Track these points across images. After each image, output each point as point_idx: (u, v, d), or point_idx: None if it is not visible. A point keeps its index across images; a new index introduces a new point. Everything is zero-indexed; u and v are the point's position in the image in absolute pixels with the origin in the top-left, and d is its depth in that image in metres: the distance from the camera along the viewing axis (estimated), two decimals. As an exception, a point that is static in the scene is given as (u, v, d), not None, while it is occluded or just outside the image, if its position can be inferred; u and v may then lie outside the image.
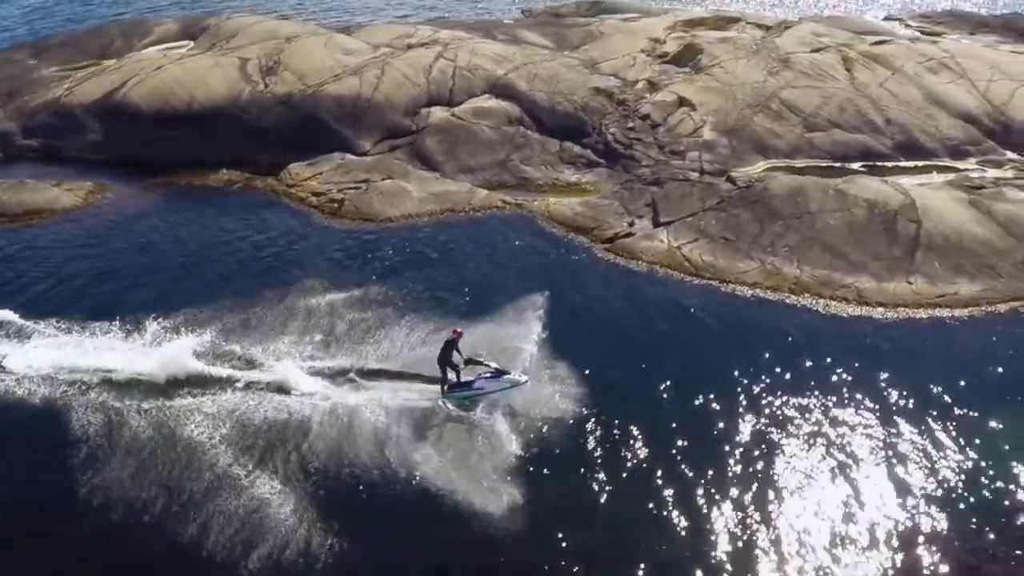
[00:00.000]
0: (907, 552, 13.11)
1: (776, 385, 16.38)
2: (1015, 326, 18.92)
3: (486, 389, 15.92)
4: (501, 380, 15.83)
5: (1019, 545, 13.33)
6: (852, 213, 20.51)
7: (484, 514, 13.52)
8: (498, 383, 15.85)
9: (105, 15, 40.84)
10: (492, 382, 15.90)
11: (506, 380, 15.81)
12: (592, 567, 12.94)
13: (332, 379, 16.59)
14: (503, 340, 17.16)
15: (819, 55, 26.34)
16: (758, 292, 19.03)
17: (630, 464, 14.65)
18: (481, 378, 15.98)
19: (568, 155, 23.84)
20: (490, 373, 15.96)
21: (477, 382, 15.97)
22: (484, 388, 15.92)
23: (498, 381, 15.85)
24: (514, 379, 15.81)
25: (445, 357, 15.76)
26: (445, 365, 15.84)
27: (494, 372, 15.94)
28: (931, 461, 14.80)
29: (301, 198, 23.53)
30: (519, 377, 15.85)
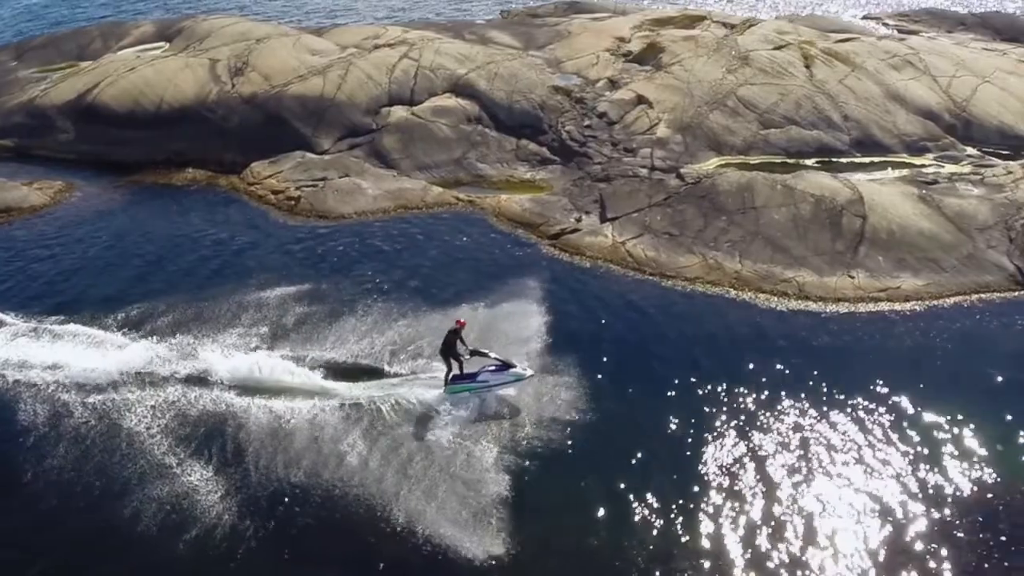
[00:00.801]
0: (833, 542, 13.25)
1: (706, 378, 16.53)
2: (957, 320, 18.96)
3: (490, 382, 15.78)
4: (506, 373, 15.68)
5: (952, 536, 13.42)
6: (798, 208, 20.58)
7: (402, 503, 13.82)
8: (502, 376, 15.71)
9: (93, 17, 41.58)
10: (496, 375, 15.76)
11: (511, 373, 15.66)
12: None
13: (276, 370, 16.85)
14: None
15: (780, 52, 26.40)
16: (697, 287, 19.19)
17: (554, 451, 14.85)
18: (486, 370, 15.83)
19: (524, 152, 24.08)
20: (495, 366, 15.79)
21: (481, 374, 15.84)
22: (488, 381, 15.78)
23: (503, 374, 15.70)
24: (519, 373, 15.66)
25: (447, 348, 15.61)
26: (448, 356, 15.67)
27: (499, 365, 15.76)
28: (861, 453, 14.95)
29: (260, 196, 23.92)
30: (524, 371, 15.69)
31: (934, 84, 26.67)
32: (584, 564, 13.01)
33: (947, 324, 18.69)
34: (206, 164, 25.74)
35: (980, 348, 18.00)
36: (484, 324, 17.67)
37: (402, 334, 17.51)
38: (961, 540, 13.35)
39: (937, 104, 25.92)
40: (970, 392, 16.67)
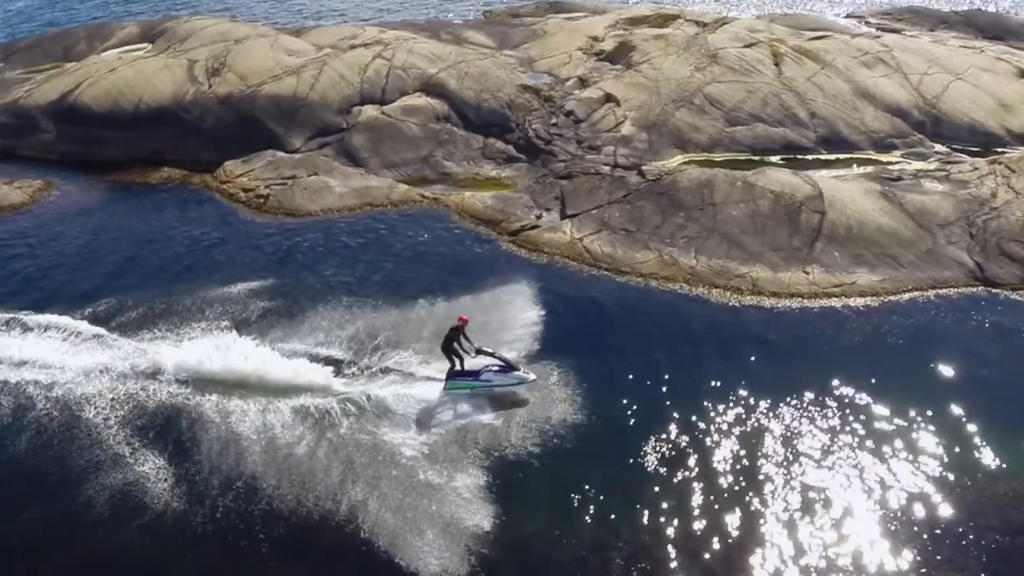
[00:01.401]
0: (775, 533, 13.42)
1: (653, 369, 16.74)
2: (912, 315, 19.01)
3: (492, 382, 15.83)
4: (509, 375, 15.71)
5: (896, 529, 13.53)
6: (757, 204, 20.67)
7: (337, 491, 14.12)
8: (505, 378, 15.74)
9: (85, 19, 42.17)
10: (499, 376, 15.79)
11: (514, 376, 15.69)
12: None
13: (233, 361, 17.15)
14: (402, 326, 17.80)
15: (749, 50, 26.49)
16: (651, 282, 19.35)
17: (496, 443, 15.08)
18: (488, 370, 15.86)
19: (490, 151, 24.30)
20: (498, 367, 15.83)
21: (484, 374, 15.88)
22: (491, 381, 15.84)
23: (505, 376, 15.73)
24: (522, 376, 15.70)
25: (448, 344, 15.73)
26: (449, 352, 15.80)
27: (503, 366, 15.80)
28: (804, 445, 15.10)
29: (231, 194, 24.28)
30: (527, 374, 15.74)
31: (905, 81, 26.67)
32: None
33: (901, 319, 18.73)
34: (182, 163, 26.16)
35: (932, 343, 18.05)
36: (442, 318, 17.84)
37: (360, 328, 17.77)
38: (905, 533, 13.44)
39: (907, 101, 25.92)
40: (918, 386, 16.78)
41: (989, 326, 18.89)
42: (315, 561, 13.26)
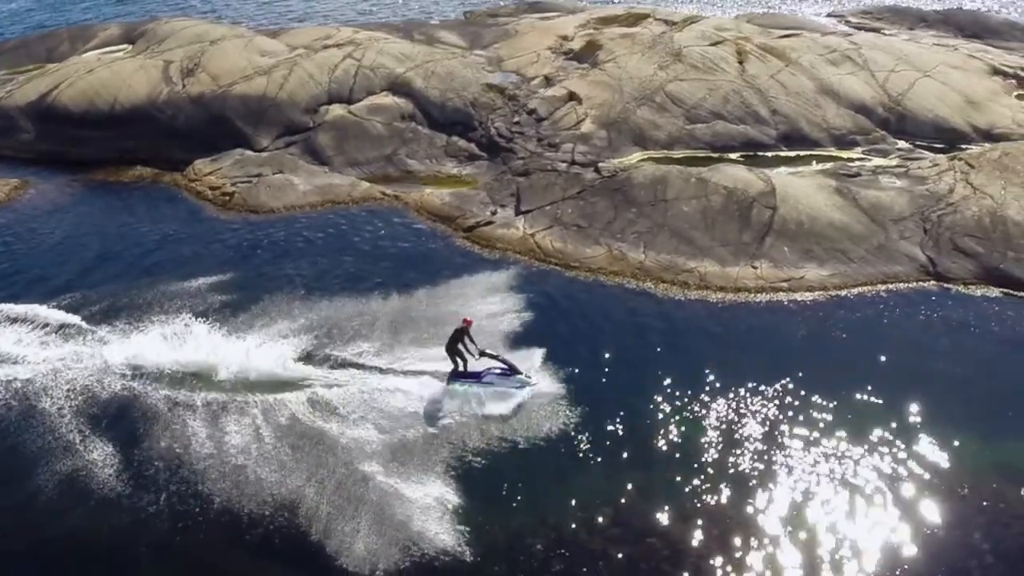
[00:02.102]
0: (708, 521, 13.60)
1: (592, 360, 16.99)
2: (858, 310, 19.13)
3: (494, 384, 16.05)
4: (512, 379, 15.95)
5: (824, 519, 13.68)
6: (709, 200, 20.79)
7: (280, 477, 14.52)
8: (507, 381, 15.97)
9: (75, 20, 42.78)
10: (501, 378, 16.02)
11: (516, 379, 15.92)
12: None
13: (183, 352, 17.60)
14: (356, 318, 18.24)
15: (713, 49, 26.61)
16: (600, 277, 19.56)
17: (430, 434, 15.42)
18: (491, 373, 16.10)
19: (453, 149, 24.56)
20: (501, 369, 16.05)
21: (487, 376, 16.11)
22: (493, 383, 16.05)
23: (508, 379, 15.96)
24: (524, 379, 15.92)
25: (453, 345, 15.96)
26: (453, 353, 16.04)
27: (506, 369, 16.02)
28: (736, 435, 15.29)
29: (199, 192, 24.68)
30: (529, 379, 15.96)
31: (871, 79, 26.70)
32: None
33: (848, 313, 18.84)
34: (154, 162, 26.59)
35: (877, 336, 18.16)
36: (396, 310, 18.47)
37: (315, 320, 18.17)
38: (837, 523, 13.58)
39: (871, 98, 25.96)
40: (858, 378, 16.87)
41: (938, 320, 18.97)
42: (253, 545, 13.53)
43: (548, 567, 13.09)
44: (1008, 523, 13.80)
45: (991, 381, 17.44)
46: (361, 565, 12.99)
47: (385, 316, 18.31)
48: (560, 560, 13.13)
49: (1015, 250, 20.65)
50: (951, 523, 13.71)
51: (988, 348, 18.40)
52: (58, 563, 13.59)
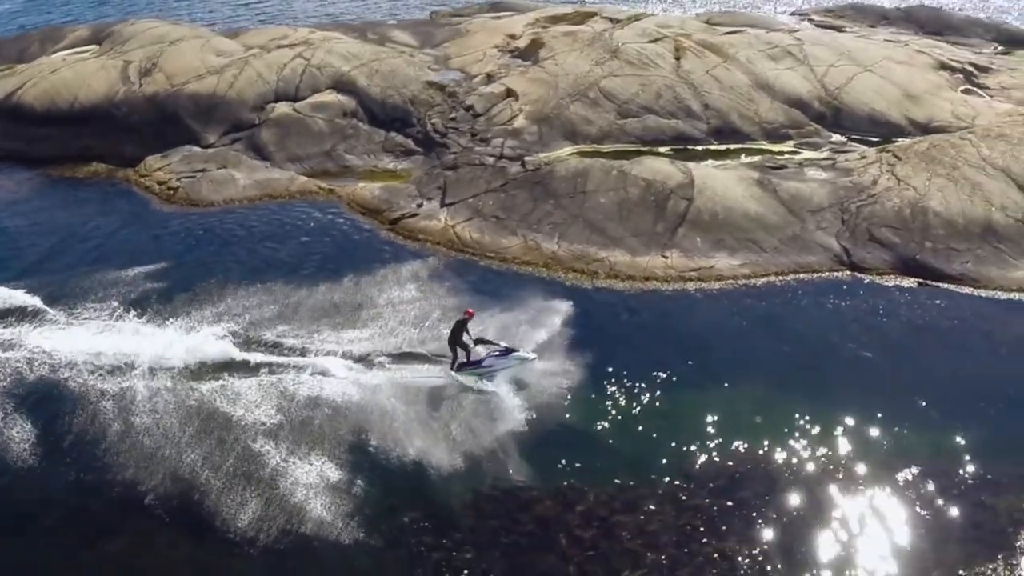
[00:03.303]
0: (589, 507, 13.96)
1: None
2: (765, 298, 19.48)
3: (496, 367, 16.64)
4: (510, 358, 16.51)
5: (710, 506, 13.98)
6: (627, 192, 21.15)
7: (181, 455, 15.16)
8: (507, 360, 16.54)
9: (59, 22, 43.86)
10: (501, 360, 16.58)
11: (514, 357, 16.49)
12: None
13: (110, 337, 18.37)
14: (273, 305, 18.95)
15: (652, 45, 26.95)
16: (512, 266, 20.06)
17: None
18: (491, 356, 16.70)
19: (390, 144, 25.13)
20: (499, 351, 16.64)
21: (487, 360, 16.70)
22: (494, 366, 16.63)
23: (507, 359, 16.53)
24: (522, 356, 16.50)
25: (456, 337, 16.45)
26: (455, 345, 16.54)
27: (503, 350, 16.61)
28: (625, 421, 15.64)
29: (147, 187, 25.46)
30: (527, 355, 16.57)
31: (810, 73, 26.90)
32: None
33: (754, 302, 19.17)
34: (109, 158, 27.38)
35: (779, 324, 18.56)
36: (319, 298, 19.15)
37: (232, 305, 19.00)
38: (720, 511, 13.90)
39: (808, 92, 26.17)
40: (751, 365, 17.26)
41: (847, 308, 19.24)
42: (153, 515, 14.19)
43: (418, 537, 13.58)
44: (906, 508, 14.04)
45: (894, 369, 17.72)
46: (246, 533, 13.62)
47: (306, 302, 19.04)
48: (427, 532, 13.60)
49: (932, 240, 20.82)
50: (848, 509, 13.98)
51: (895, 336, 18.66)
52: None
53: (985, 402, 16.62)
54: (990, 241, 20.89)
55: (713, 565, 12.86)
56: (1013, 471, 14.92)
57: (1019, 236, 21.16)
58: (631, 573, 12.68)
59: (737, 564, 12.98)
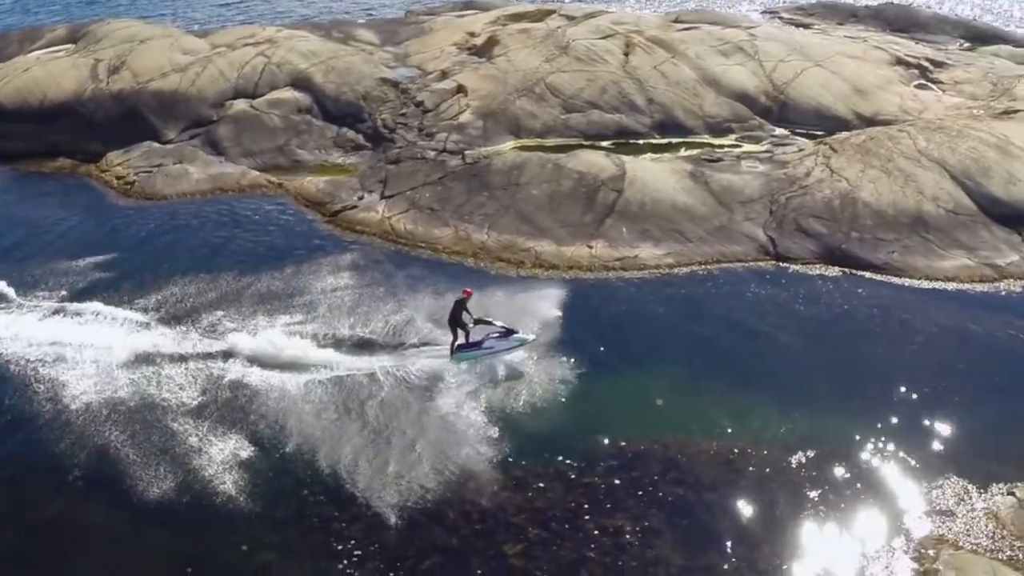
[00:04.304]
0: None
1: (398, 327, 18.03)
2: (684, 287, 19.92)
3: (495, 348, 16.77)
4: (510, 339, 16.70)
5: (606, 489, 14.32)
6: (560, 184, 21.61)
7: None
8: (507, 342, 16.72)
9: (45, 22, 44.93)
10: (501, 341, 16.75)
11: (514, 339, 16.67)
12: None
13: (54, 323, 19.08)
14: (211, 292, 19.67)
15: (601, 41, 27.38)
16: (442, 256, 20.61)
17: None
18: (490, 337, 16.81)
19: (341, 139, 25.75)
20: (498, 332, 16.78)
21: (487, 342, 16.81)
22: (493, 347, 16.76)
23: (507, 340, 16.71)
24: (522, 337, 16.70)
25: (455, 317, 16.56)
26: (455, 325, 16.65)
27: (503, 331, 16.75)
28: (533, 406, 16.03)
29: (107, 181, 26.25)
30: (526, 336, 16.79)
31: (759, 68, 27.22)
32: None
33: (674, 291, 19.59)
34: (75, 154, 28.20)
35: (695, 311, 18.96)
36: (255, 285, 19.83)
37: (177, 293, 19.71)
38: (608, 489, 14.26)
39: (755, 87, 26.49)
40: (662, 349, 17.73)
41: (766, 297, 19.60)
42: (78, 487, 14.83)
43: (317, 510, 14.11)
44: (798, 491, 14.34)
45: (808, 355, 18.10)
46: (161, 504, 14.22)
47: (244, 290, 19.70)
48: (324, 505, 14.12)
49: (860, 231, 21.11)
50: (738, 490, 14.30)
51: (812, 324, 19.00)
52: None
53: (894, 389, 16.94)
54: (919, 231, 21.14)
55: (595, 540, 13.27)
56: (911, 457, 15.21)
57: (949, 226, 21.44)
58: (512, 546, 13.13)
59: (621, 540, 13.39)
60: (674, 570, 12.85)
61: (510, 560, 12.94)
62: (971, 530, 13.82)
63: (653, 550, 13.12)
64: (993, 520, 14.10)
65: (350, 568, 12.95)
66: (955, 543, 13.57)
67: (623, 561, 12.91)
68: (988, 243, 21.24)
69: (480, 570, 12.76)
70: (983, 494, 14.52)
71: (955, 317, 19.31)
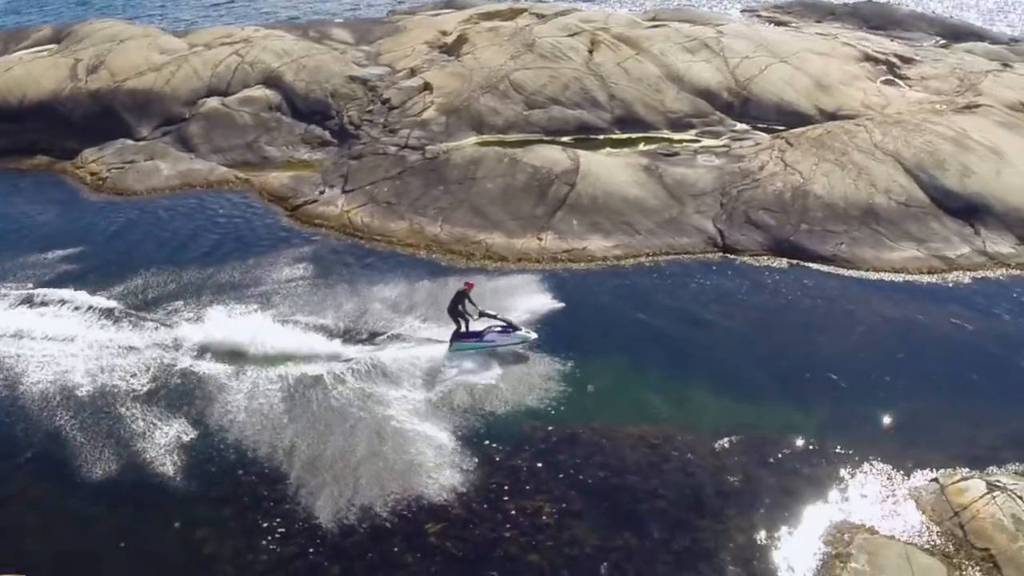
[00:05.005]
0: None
1: (347, 311, 18.49)
2: (630, 278, 20.16)
3: (496, 343, 16.91)
4: (512, 335, 16.82)
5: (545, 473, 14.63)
6: (515, 178, 21.98)
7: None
8: (508, 338, 16.85)
9: (35, 23, 45.82)
10: (502, 336, 16.89)
11: (516, 336, 16.79)
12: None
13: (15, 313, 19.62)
14: (171, 283, 20.21)
15: (567, 39, 27.74)
16: (396, 248, 21.04)
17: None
18: (492, 331, 16.89)
19: (308, 136, 26.25)
20: (501, 327, 16.89)
21: (488, 335, 16.91)
22: (495, 341, 16.91)
23: (508, 336, 16.84)
24: (524, 335, 16.80)
25: (455, 307, 16.80)
26: (455, 315, 16.89)
27: (505, 327, 16.88)
28: (466, 393, 16.30)
29: (80, 177, 26.88)
30: (528, 334, 16.90)
31: (723, 65, 27.48)
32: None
33: (620, 281, 19.94)
34: (52, 151, 28.92)
35: (640, 301, 19.16)
36: (214, 277, 20.36)
37: (136, 283, 20.23)
38: (531, 472, 14.52)
39: (718, 83, 26.76)
40: (601, 337, 18.01)
41: (711, 287, 19.86)
42: (27, 467, 15.31)
43: (249, 489, 14.57)
44: (720, 474, 14.61)
45: (748, 344, 18.32)
46: (103, 484, 14.69)
47: (204, 282, 20.23)
48: (258, 486, 14.55)
49: (809, 223, 21.33)
50: (662, 474, 14.56)
51: (755, 313, 19.25)
52: None
53: (831, 378, 17.15)
54: (869, 223, 21.34)
55: (512, 520, 13.59)
56: (838, 444, 15.41)
57: (900, 218, 21.63)
58: (433, 525, 13.47)
59: (538, 521, 13.67)
60: (589, 550, 13.17)
61: (429, 538, 13.29)
62: (890, 515, 14.04)
63: (570, 531, 13.45)
64: (914, 506, 14.37)
65: (274, 544, 13.36)
66: (872, 528, 13.82)
67: (538, 541, 13.22)
68: (939, 235, 21.45)
69: (398, 548, 13.13)
70: (906, 480, 14.77)
71: (900, 308, 19.52)
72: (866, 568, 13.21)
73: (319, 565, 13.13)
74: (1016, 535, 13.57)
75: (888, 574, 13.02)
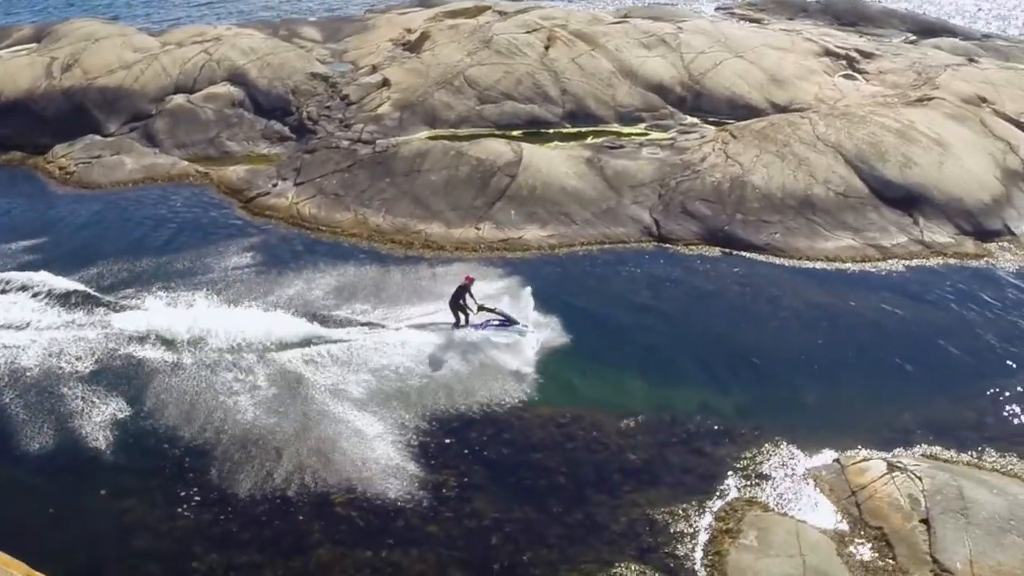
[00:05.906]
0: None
1: (291, 298, 19.13)
2: (562, 266, 20.68)
3: (494, 336, 17.39)
4: (509, 329, 17.36)
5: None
6: (458, 170, 22.50)
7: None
8: (506, 332, 17.37)
9: (26, 22, 46.89)
10: (500, 330, 17.41)
11: (514, 329, 17.32)
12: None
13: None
14: (123, 271, 20.90)
15: (524, 35, 28.25)
16: (340, 238, 21.66)
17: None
18: (490, 325, 17.47)
19: (269, 131, 26.96)
20: (499, 321, 17.41)
21: (486, 328, 17.46)
22: (492, 335, 17.41)
23: (506, 330, 17.38)
24: (521, 329, 17.32)
25: (456, 301, 17.32)
26: (456, 308, 17.41)
27: (503, 320, 17.38)
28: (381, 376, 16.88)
29: (50, 172, 27.68)
30: (526, 328, 17.37)
31: (678, 60, 27.89)
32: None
33: (552, 269, 20.40)
34: (25, 147, 29.71)
35: (569, 287, 19.60)
36: (165, 266, 21.08)
37: (92, 271, 20.94)
38: (438, 447, 15.06)
39: (671, 78, 27.17)
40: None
41: (642, 274, 20.36)
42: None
43: (179, 459, 15.20)
44: (643, 453, 15.05)
45: (671, 328, 18.79)
46: (40, 458, 15.38)
47: (155, 269, 21.01)
48: (189, 456, 15.17)
49: (744, 213, 21.71)
50: (543, 445, 15.10)
51: (682, 300, 19.72)
52: None
53: (752, 362, 17.57)
54: (805, 213, 21.69)
55: (416, 493, 14.08)
56: (745, 425, 15.80)
57: (837, 209, 21.96)
58: (339, 496, 14.06)
59: (441, 494, 14.17)
60: (487, 522, 13.68)
61: (335, 508, 13.89)
62: (787, 494, 14.40)
63: (471, 503, 13.98)
64: (813, 485, 14.72)
65: (190, 511, 14.01)
66: (765, 505, 14.20)
67: (438, 512, 13.77)
68: (876, 224, 21.77)
69: (303, 516, 13.74)
70: (809, 460, 15.17)
71: (827, 295, 19.88)
72: (754, 543, 13.60)
73: (230, 531, 13.78)
74: (911, 514, 13.93)
75: (775, 549, 13.40)
